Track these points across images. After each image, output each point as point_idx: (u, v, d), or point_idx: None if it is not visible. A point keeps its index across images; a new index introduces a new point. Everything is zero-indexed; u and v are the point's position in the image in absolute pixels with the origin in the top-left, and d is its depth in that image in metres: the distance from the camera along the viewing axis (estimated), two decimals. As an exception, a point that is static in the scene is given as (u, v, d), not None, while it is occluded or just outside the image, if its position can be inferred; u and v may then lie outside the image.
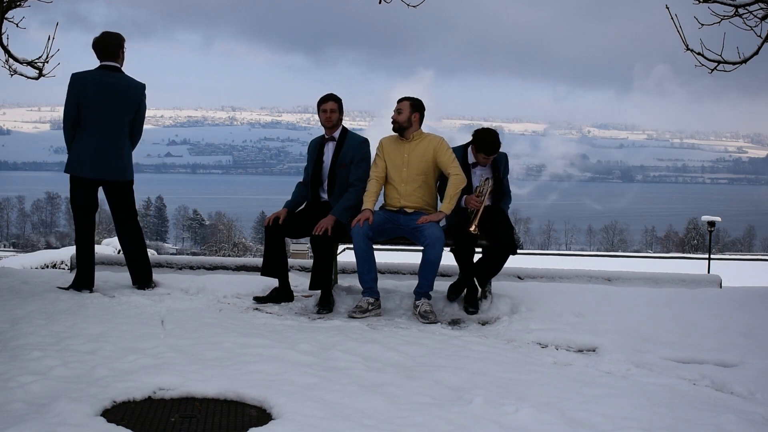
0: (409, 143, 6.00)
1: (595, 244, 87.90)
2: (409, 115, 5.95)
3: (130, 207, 6.11)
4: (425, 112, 6.06)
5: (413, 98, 6.06)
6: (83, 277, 5.97)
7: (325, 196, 6.16)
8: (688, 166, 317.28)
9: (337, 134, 6.15)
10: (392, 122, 6.00)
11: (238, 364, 4.05)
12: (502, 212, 6.08)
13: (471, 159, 6.12)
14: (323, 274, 5.90)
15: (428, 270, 5.76)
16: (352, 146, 6.10)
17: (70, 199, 6.03)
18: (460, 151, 6.15)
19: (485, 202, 5.93)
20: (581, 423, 3.37)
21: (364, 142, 6.17)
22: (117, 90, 5.82)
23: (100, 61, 5.90)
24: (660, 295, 6.30)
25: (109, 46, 5.89)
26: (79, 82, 5.79)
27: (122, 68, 5.95)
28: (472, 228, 5.77)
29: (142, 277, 6.16)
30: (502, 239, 5.83)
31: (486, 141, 5.98)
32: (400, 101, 6.04)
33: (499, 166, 6.13)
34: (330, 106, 6.11)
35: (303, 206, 6.30)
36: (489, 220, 5.95)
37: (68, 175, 5.92)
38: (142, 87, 5.99)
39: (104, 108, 5.78)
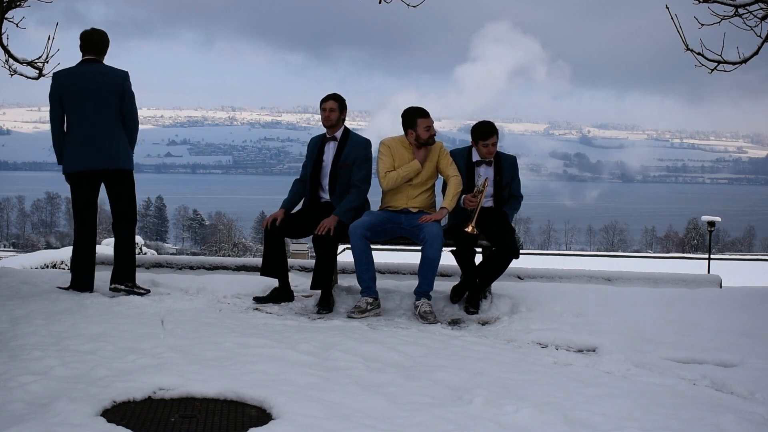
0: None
1: (595, 244, 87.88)
2: None
3: (127, 200, 5.94)
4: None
5: None
6: (81, 280, 5.88)
7: (325, 196, 6.15)
8: (688, 166, 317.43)
9: (339, 134, 6.15)
10: (430, 137, 5.97)
11: (238, 364, 4.05)
12: (504, 215, 6.08)
13: (475, 157, 6.13)
14: (325, 275, 5.90)
15: (428, 269, 5.76)
16: (355, 147, 6.10)
17: (71, 200, 5.93)
18: (464, 153, 6.18)
19: (482, 201, 5.93)
20: (581, 423, 3.37)
21: (367, 143, 6.17)
22: (95, 78, 5.74)
23: (83, 56, 5.85)
24: (660, 295, 6.30)
25: (97, 42, 5.85)
26: (58, 78, 5.78)
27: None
28: (469, 228, 5.77)
29: (120, 274, 5.89)
30: (504, 244, 5.83)
31: (480, 126, 6.08)
32: (427, 116, 6.00)
33: (502, 169, 6.13)
34: (330, 105, 6.11)
35: (301, 205, 6.30)
36: (490, 223, 5.95)
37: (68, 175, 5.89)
38: (123, 73, 5.83)
39: (86, 98, 5.71)
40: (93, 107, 5.73)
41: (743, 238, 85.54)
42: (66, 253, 15.96)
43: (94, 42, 5.85)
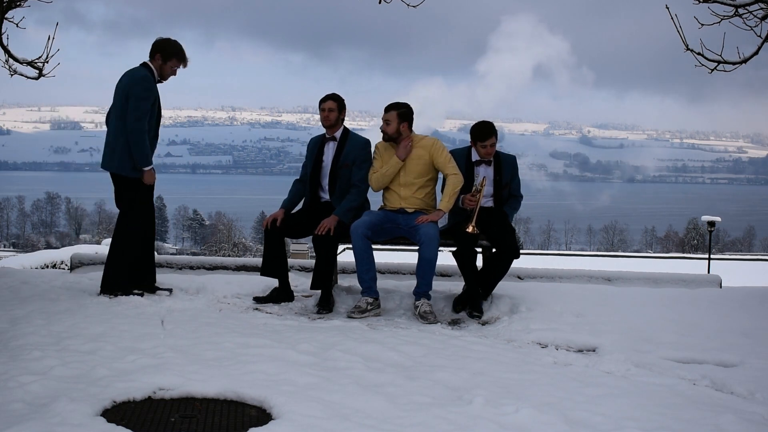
0: None
1: (595, 244, 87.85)
2: (397, 125, 5.95)
3: (124, 204, 5.85)
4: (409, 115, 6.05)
5: (400, 106, 6.00)
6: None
7: (325, 196, 6.16)
8: (688, 166, 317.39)
9: (338, 134, 6.15)
10: (384, 133, 6.02)
11: (238, 364, 4.05)
12: (504, 215, 6.08)
13: (474, 157, 6.13)
14: (325, 275, 5.90)
15: (425, 269, 5.76)
16: (355, 147, 6.10)
17: None
18: (464, 152, 6.17)
19: (481, 201, 5.92)
20: (581, 423, 3.37)
21: (367, 143, 6.18)
22: (121, 79, 5.87)
23: None
24: (660, 295, 6.30)
25: (153, 46, 5.96)
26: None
27: (155, 71, 5.90)
28: (470, 228, 5.77)
29: (107, 283, 5.84)
30: (504, 244, 5.83)
31: (479, 127, 6.08)
32: (387, 111, 6.00)
33: (502, 168, 6.13)
34: (328, 105, 6.11)
35: (301, 205, 6.30)
36: (490, 223, 5.95)
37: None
38: (137, 76, 5.74)
39: (114, 98, 5.88)
40: (113, 108, 5.87)
41: (743, 238, 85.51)
42: (66, 253, 16.00)
43: (152, 46, 5.96)
